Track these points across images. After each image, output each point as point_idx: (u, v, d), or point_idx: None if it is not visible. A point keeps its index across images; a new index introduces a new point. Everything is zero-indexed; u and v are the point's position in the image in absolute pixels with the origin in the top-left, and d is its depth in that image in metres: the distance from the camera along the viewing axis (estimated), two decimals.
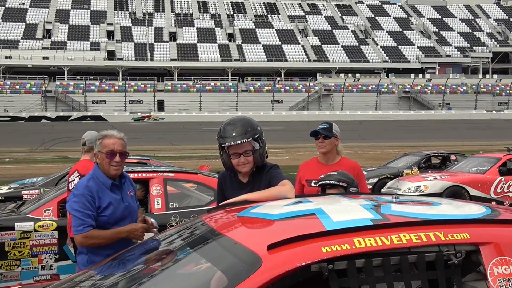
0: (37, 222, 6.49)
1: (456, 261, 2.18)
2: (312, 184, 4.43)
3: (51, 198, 6.89)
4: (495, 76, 78.73)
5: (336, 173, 4.03)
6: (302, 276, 2.08)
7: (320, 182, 4.01)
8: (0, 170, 22.83)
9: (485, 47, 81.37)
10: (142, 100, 68.00)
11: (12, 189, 10.84)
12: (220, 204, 3.27)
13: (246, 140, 3.27)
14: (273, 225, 2.45)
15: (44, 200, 6.95)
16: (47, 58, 70.55)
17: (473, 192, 11.76)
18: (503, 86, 74.50)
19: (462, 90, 73.78)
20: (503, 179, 12.09)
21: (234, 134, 3.28)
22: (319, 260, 2.06)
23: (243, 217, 2.70)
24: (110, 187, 3.67)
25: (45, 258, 6.45)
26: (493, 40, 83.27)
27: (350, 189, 3.76)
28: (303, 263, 2.04)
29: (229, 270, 2.11)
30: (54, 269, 6.46)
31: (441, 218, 2.37)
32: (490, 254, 2.22)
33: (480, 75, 77.29)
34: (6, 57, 69.13)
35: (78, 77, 70.47)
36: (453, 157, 15.92)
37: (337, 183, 3.81)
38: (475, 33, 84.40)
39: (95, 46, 73.42)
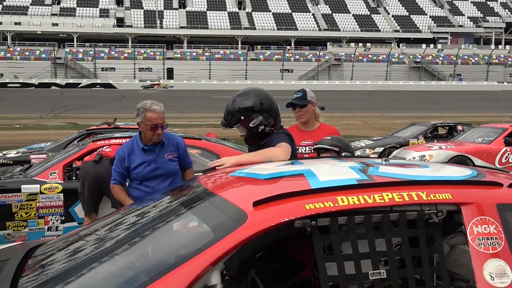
0: (43, 185, 6.57)
1: (437, 220, 2.25)
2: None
3: (57, 162, 6.98)
4: (508, 47, 77.71)
5: (330, 138, 4.12)
6: (286, 232, 2.17)
7: (315, 146, 4.09)
8: (10, 136, 23.08)
9: (498, 17, 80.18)
10: (151, 68, 67.90)
11: (20, 153, 10.94)
12: (211, 167, 3.37)
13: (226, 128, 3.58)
14: (261, 184, 2.53)
15: (50, 163, 7.04)
16: (56, 24, 70.18)
17: (478, 162, 11.71)
18: None
19: (473, 61, 73.00)
20: (508, 150, 12.04)
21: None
22: (303, 217, 2.13)
23: (234, 177, 2.78)
24: (142, 150, 4.26)
25: (51, 219, 6.54)
26: (507, 10, 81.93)
27: (343, 154, 3.83)
28: (287, 219, 2.12)
29: (216, 226, 2.19)
30: (60, 230, 6.52)
31: (425, 179, 2.44)
32: (471, 214, 2.29)
33: (493, 46, 76.31)
34: (15, 23, 68.89)
35: (88, 44, 70.30)
36: (459, 127, 15.84)
37: (329, 147, 3.88)
38: (488, 2, 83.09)
39: (104, 13, 73.09)
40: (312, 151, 4.27)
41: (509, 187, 2.45)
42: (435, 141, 14.59)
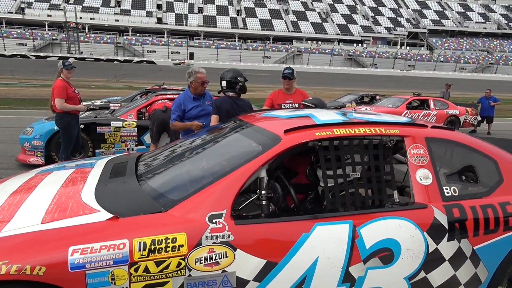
0: (124, 122, 6.60)
1: (390, 145, 2.36)
2: (282, 106, 4.48)
3: (133, 108, 6.96)
4: (408, 47, 76.99)
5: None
6: (302, 148, 2.24)
7: (303, 102, 4.13)
8: (89, 92, 22.53)
9: (403, 28, 78.90)
10: (179, 52, 65.93)
11: (103, 102, 10.85)
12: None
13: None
14: (284, 121, 2.58)
15: (128, 108, 7.01)
16: (118, 20, 67.55)
17: None
18: (412, 55, 73.01)
19: (385, 56, 72.21)
20: (408, 112, 12.21)
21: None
22: (313, 140, 2.22)
23: (264, 116, 2.81)
24: (192, 99, 4.09)
25: (129, 144, 6.61)
26: (409, 23, 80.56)
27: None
28: (304, 141, 2.21)
29: (262, 143, 2.26)
30: (135, 150, 6.59)
31: (383, 121, 2.52)
32: (409, 142, 2.39)
33: (398, 47, 75.50)
34: (91, 19, 66.12)
35: (138, 34, 67.93)
36: (378, 97, 15.94)
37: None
38: (398, 18, 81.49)
39: (149, 14, 70.23)
40: (301, 105, 4.33)
41: (431, 128, 2.55)
42: (362, 105, 14.66)
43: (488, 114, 12.73)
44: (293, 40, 72.85)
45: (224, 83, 3.96)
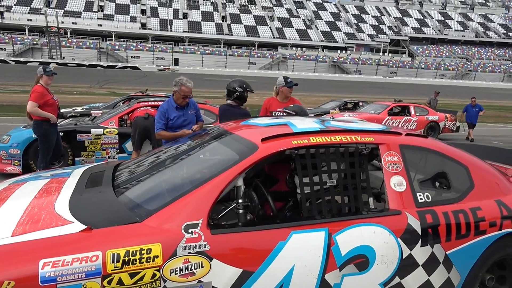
0: (105, 129, 6.53)
1: (365, 152, 2.40)
2: (273, 114, 4.54)
3: (114, 114, 6.89)
4: (390, 54, 78.28)
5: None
6: (279, 156, 2.26)
7: (284, 109, 4.18)
8: (71, 98, 22.19)
9: (386, 35, 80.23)
10: (164, 57, 65.50)
11: (85, 109, 10.70)
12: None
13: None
14: (262, 129, 2.58)
15: (109, 116, 6.93)
16: (101, 25, 66.74)
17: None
18: (394, 61, 74.22)
19: (369, 62, 73.25)
20: (389, 118, 12.39)
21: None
22: (290, 148, 2.24)
23: (243, 124, 2.82)
24: (175, 108, 4.09)
25: (110, 151, 6.53)
26: (391, 31, 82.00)
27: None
28: (281, 149, 2.23)
29: (239, 152, 2.26)
30: (116, 158, 6.52)
31: (358, 129, 2.55)
32: (384, 149, 2.43)
33: (381, 53, 76.69)
34: (73, 23, 65.21)
35: (122, 39, 67.29)
36: (361, 103, 16.11)
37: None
38: (380, 25, 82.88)
39: (133, 19, 69.68)
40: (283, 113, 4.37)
41: (405, 135, 2.60)
42: (346, 111, 14.82)
43: (472, 122, 13.05)
44: (278, 47, 73.25)
45: (225, 92, 4.32)
